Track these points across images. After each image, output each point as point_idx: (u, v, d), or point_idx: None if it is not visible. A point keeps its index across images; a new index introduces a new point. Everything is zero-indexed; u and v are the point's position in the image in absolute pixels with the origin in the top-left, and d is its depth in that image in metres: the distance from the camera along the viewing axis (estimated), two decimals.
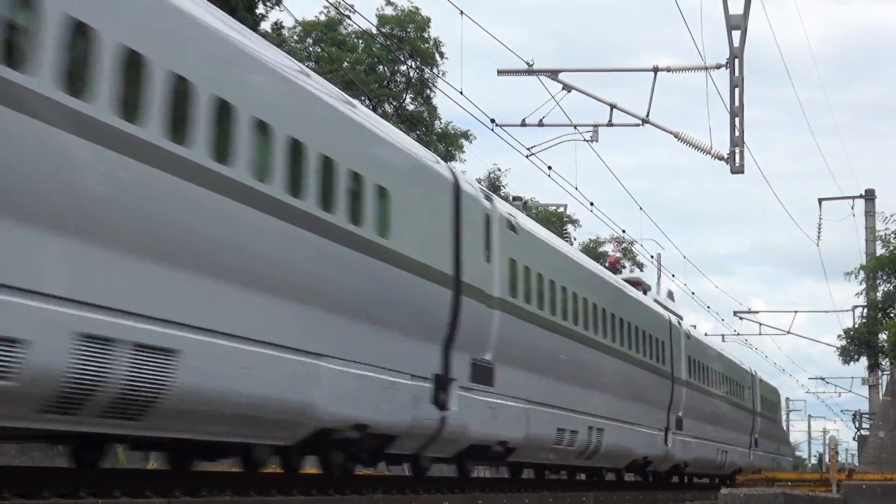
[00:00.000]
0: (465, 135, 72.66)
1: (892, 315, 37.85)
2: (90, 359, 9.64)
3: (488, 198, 19.55)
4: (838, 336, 41.13)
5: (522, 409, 19.91)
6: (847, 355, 39.44)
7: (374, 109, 62.99)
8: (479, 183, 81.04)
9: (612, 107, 26.59)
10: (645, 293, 33.86)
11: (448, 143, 71.09)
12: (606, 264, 57.16)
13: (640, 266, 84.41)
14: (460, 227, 17.56)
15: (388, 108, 65.50)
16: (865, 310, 40.83)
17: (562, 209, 70.22)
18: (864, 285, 39.34)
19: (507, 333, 19.09)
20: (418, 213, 16.11)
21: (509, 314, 19.20)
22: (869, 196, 44.87)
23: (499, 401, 18.80)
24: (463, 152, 73.01)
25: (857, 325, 41.49)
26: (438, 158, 18.12)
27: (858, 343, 38.99)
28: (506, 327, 19.03)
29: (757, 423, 46.37)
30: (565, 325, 22.27)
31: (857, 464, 59.46)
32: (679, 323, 33.84)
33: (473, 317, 17.69)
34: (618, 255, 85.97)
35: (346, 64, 58.44)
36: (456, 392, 17.07)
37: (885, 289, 38.07)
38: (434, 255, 16.52)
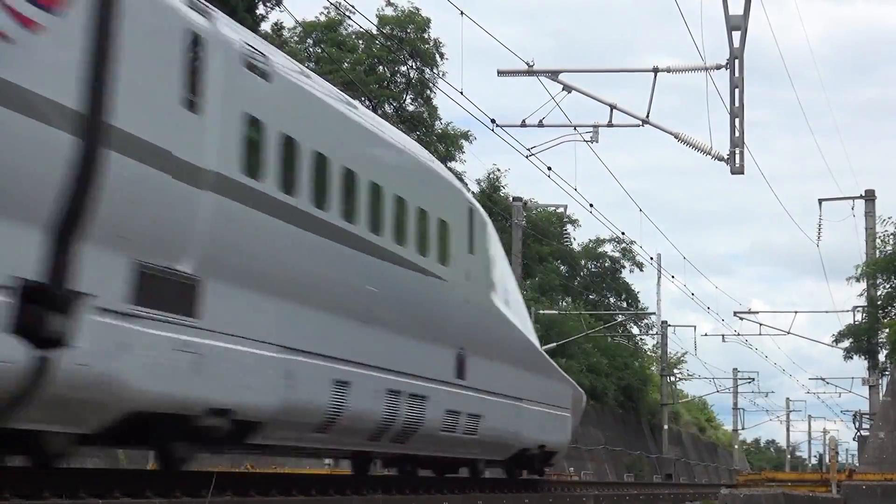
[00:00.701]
0: (465, 135, 72.79)
1: (892, 315, 37.90)
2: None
3: (204, 13, 13.14)
4: (833, 337, 41.16)
5: (263, 359, 12.91)
6: (847, 351, 39.52)
7: (375, 110, 63.04)
8: (480, 184, 79.36)
9: (613, 107, 26.60)
10: None
11: (448, 144, 71.13)
12: None
13: (640, 266, 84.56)
14: (118, 40, 10.76)
15: (389, 109, 65.53)
16: (865, 310, 40.89)
17: (561, 209, 70.26)
18: (864, 284, 39.39)
19: (233, 232, 12.48)
20: None
21: (237, 201, 12.49)
22: (869, 196, 44.88)
23: (210, 342, 11.92)
24: (463, 152, 73.15)
25: (857, 322, 41.56)
26: None
27: (857, 340, 39.06)
28: (229, 221, 12.39)
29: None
30: (346, 227, 14.80)
31: (857, 464, 59.44)
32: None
33: (141, 191, 10.99)
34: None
35: (346, 64, 58.44)
36: (90, 318, 10.30)
37: (885, 289, 38.14)
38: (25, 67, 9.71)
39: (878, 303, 38.90)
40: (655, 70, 25.69)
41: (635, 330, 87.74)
